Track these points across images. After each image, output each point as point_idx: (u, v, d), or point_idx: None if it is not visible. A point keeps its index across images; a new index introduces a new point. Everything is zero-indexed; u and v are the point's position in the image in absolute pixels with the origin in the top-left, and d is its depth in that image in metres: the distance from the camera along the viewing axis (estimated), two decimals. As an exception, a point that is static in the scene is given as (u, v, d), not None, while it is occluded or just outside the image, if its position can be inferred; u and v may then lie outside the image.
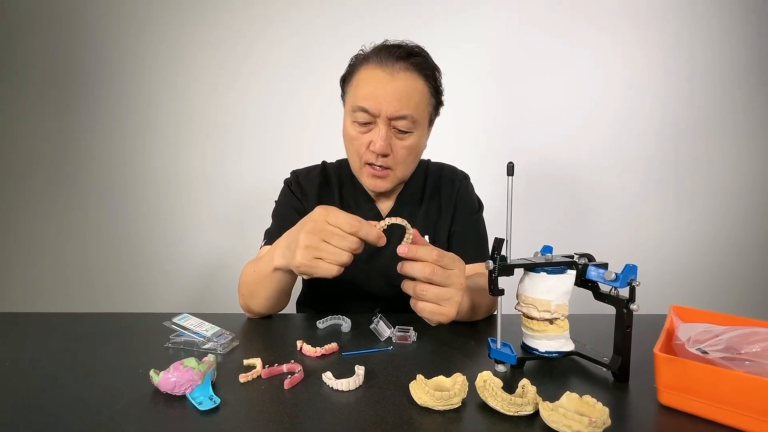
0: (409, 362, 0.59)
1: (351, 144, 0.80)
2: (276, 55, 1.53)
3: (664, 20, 1.48)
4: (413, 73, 0.76)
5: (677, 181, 1.55)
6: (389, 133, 0.76)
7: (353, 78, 0.80)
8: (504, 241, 0.54)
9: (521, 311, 0.58)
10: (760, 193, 1.54)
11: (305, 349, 0.61)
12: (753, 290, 1.56)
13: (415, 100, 0.76)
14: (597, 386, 0.53)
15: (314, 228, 0.57)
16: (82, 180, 1.60)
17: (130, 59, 1.55)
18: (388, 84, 0.74)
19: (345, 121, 0.81)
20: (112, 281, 1.64)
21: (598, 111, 1.54)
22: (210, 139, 1.58)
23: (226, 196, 1.60)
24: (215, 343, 0.62)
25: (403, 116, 0.75)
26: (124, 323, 0.73)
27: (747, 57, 1.49)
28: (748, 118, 1.52)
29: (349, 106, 0.79)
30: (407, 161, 0.81)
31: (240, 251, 1.57)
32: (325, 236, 0.56)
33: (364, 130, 0.78)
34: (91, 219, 1.61)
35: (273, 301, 0.73)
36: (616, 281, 0.52)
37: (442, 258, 0.54)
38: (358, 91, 0.77)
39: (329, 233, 0.56)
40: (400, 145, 0.78)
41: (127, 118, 1.58)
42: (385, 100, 0.74)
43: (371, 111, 0.75)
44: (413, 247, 0.55)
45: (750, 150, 1.54)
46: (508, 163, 0.54)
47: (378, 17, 1.48)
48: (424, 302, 0.56)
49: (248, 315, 0.78)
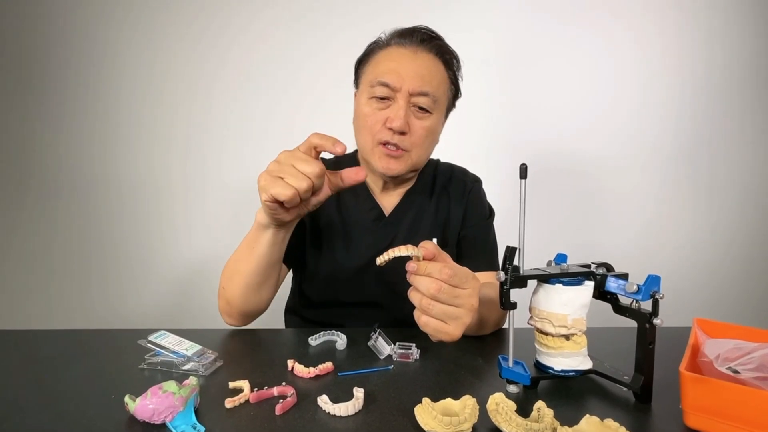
0: (413, 383, 0.58)
1: (365, 122, 0.80)
2: (264, 48, 1.50)
3: (681, 10, 1.50)
4: (435, 56, 0.80)
5: (695, 181, 1.57)
6: (408, 111, 0.78)
7: (371, 59, 0.83)
8: (516, 249, 0.54)
9: (535, 326, 0.57)
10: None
11: (297, 370, 0.60)
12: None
13: (437, 80, 0.79)
14: (618, 408, 0.53)
15: (281, 157, 0.60)
16: (43, 182, 1.55)
17: (110, 55, 1.51)
18: (410, 61, 0.78)
19: (359, 100, 0.83)
20: (78, 294, 1.59)
21: (611, 106, 1.55)
22: (192, 140, 1.55)
23: (208, 200, 1.57)
24: (196, 363, 0.61)
25: (424, 92, 0.77)
26: (93, 342, 0.71)
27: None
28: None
29: (367, 83, 0.81)
30: (424, 144, 0.81)
31: (221, 260, 1.54)
32: (290, 161, 0.59)
33: (382, 107, 0.79)
34: (54, 224, 1.56)
35: (255, 281, 0.73)
36: (638, 294, 0.51)
37: (453, 277, 0.53)
38: (378, 67, 0.80)
39: (293, 157, 0.59)
40: (419, 125, 0.79)
41: (96, 119, 1.54)
42: (407, 75, 0.76)
43: (392, 85, 0.77)
44: (423, 263, 0.54)
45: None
46: (521, 165, 0.54)
47: (376, 5, 1.47)
48: (429, 317, 0.55)
49: (229, 321, 0.79)
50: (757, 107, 1.56)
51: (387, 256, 0.55)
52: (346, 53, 1.45)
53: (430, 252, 0.56)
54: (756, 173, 1.58)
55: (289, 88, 1.51)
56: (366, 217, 0.88)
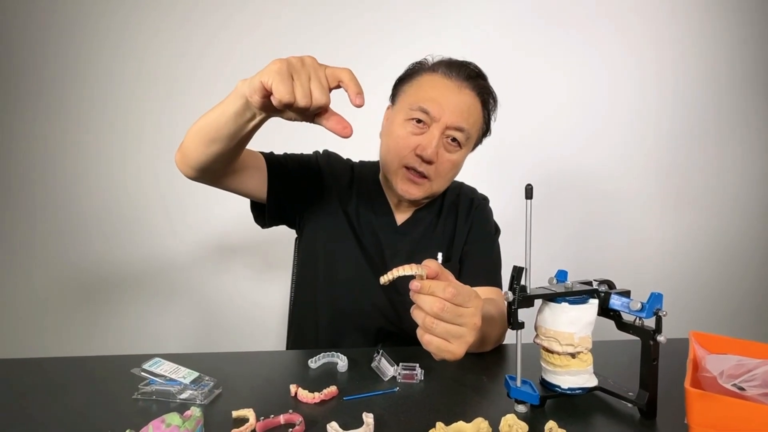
0: (420, 405, 0.59)
1: (395, 144, 0.83)
2: (257, 45, 1.46)
3: (674, 22, 1.58)
4: (477, 95, 0.84)
5: (687, 191, 1.64)
6: (440, 142, 0.81)
7: (414, 80, 0.86)
8: (524, 269, 0.55)
9: (541, 345, 0.59)
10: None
11: (301, 395, 0.59)
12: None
13: (473, 118, 0.84)
14: (624, 424, 0.55)
15: (307, 61, 0.55)
16: (19, 189, 1.44)
17: (97, 51, 1.44)
18: (453, 95, 0.82)
19: (394, 119, 0.86)
20: (62, 319, 1.48)
21: (606, 117, 1.60)
22: None
23: (199, 209, 1.49)
24: (194, 391, 0.59)
25: (460, 128, 0.81)
26: (78, 370, 0.68)
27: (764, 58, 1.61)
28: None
29: (406, 104, 0.84)
30: (447, 177, 0.86)
31: (211, 275, 1.50)
32: (310, 73, 0.54)
33: (416, 131, 0.82)
34: (29, 235, 1.46)
35: (210, 135, 0.66)
36: (642, 311, 0.53)
37: (456, 296, 0.54)
38: (421, 92, 0.83)
39: (315, 74, 0.54)
40: (447, 158, 0.83)
41: (80, 121, 1.46)
42: (448, 108, 0.80)
43: (432, 113, 0.80)
44: (426, 282, 0.55)
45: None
46: (527, 186, 0.55)
47: (377, 6, 1.49)
48: (432, 336, 0.56)
49: (182, 168, 0.74)
50: (747, 118, 1.65)
51: (391, 275, 0.55)
52: (344, 52, 1.48)
53: (433, 270, 0.57)
54: (751, 187, 1.66)
55: None
56: (381, 226, 0.91)
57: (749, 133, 1.67)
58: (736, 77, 1.63)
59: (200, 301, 1.49)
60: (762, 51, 1.63)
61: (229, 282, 1.51)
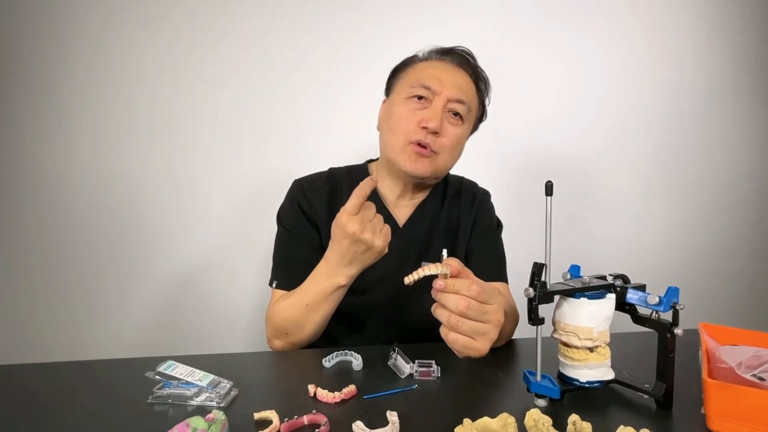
0: (441, 402, 0.60)
1: (399, 122, 0.84)
2: (262, 44, 1.41)
3: (669, 13, 1.61)
4: (470, 78, 0.88)
5: (683, 182, 1.68)
6: (444, 115, 0.83)
7: (410, 68, 0.89)
8: (544, 266, 0.56)
9: (560, 340, 0.60)
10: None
11: (321, 395, 0.59)
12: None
13: (472, 94, 0.87)
14: (641, 415, 0.56)
15: (367, 217, 0.70)
16: (15, 187, 1.36)
17: (96, 48, 1.37)
18: (450, 73, 0.85)
19: (394, 101, 0.87)
20: (54, 321, 1.41)
21: (599, 110, 1.61)
22: (179, 139, 1.41)
23: (207, 207, 1.44)
24: (211, 394, 0.59)
25: (461, 100, 0.84)
26: (87, 375, 0.67)
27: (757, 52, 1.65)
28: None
29: (406, 84, 0.86)
30: (452, 151, 0.86)
31: (220, 272, 1.46)
32: (375, 223, 0.70)
33: (419, 107, 0.83)
34: (28, 235, 1.40)
35: (322, 326, 0.80)
36: (660, 305, 0.55)
37: (481, 293, 0.55)
38: (419, 72, 0.86)
39: (377, 222, 0.71)
40: (452, 131, 0.84)
41: (79, 118, 1.38)
42: (448, 82, 0.83)
43: (433, 88, 0.83)
44: (450, 281, 0.55)
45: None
46: (547, 183, 0.56)
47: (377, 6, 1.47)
48: (457, 334, 0.57)
49: (277, 349, 0.83)
50: (740, 111, 1.69)
51: (417, 275, 0.56)
52: (344, 51, 1.46)
53: (455, 268, 0.58)
54: (752, 173, 1.71)
55: (287, 84, 1.44)
56: None
57: (752, 126, 1.72)
58: (731, 68, 1.67)
59: (203, 301, 1.46)
60: (756, 43, 1.68)
61: (231, 283, 1.48)
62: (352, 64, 1.45)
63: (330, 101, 1.46)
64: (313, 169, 0.99)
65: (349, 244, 0.69)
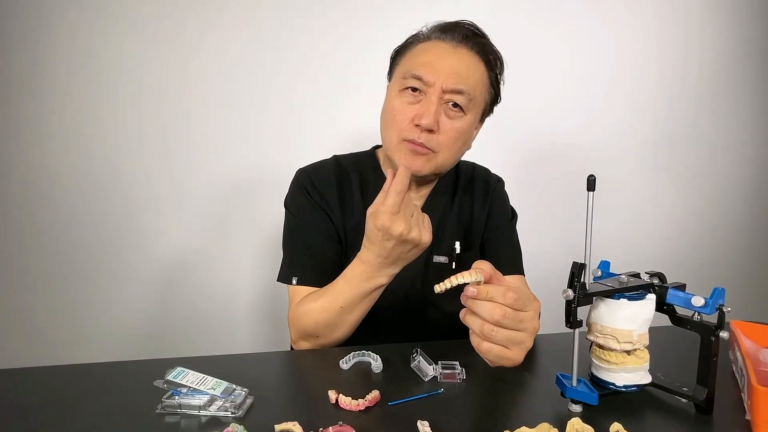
0: (470, 408, 0.57)
1: (392, 117, 0.77)
2: (254, 40, 1.35)
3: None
4: (476, 54, 0.78)
5: (689, 172, 1.66)
6: (439, 109, 0.75)
7: (409, 51, 0.80)
8: (584, 266, 0.53)
9: (596, 342, 0.57)
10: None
11: (343, 402, 0.56)
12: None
13: (474, 79, 0.77)
14: (681, 420, 0.54)
15: (403, 231, 0.64)
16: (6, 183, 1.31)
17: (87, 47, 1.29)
18: (448, 56, 0.76)
19: (389, 93, 0.81)
20: (71, 323, 1.35)
21: (604, 100, 1.58)
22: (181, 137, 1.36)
23: (197, 203, 1.38)
24: (226, 403, 0.55)
25: (459, 90, 0.74)
26: (93, 379, 0.62)
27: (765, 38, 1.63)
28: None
29: (399, 75, 0.79)
30: (453, 147, 0.78)
31: (213, 268, 1.41)
32: (418, 218, 0.67)
33: (412, 100, 0.76)
34: (27, 234, 1.33)
35: (356, 326, 0.76)
36: (705, 307, 0.52)
37: (517, 301, 0.51)
38: (413, 59, 0.78)
39: (420, 217, 0.68)
40: (450, 125, 0.76)
41: (65, 114, 1.31)
42: (443, 70, 0.74)
43: (425, 78, 0.74)
44: (483, 287, 0.52)
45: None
46: (589, 177, 0.53)
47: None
48: (491, 344, 0.53)
49: (303, 348, 0.79)
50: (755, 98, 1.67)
51: (449, 283, 0.52)
52: (339, 45, 1.39)
53: (487, 273, 0.54)
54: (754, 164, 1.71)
55: (280, 78, 1.38)
56: None
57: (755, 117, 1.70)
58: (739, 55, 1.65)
59: (200, 296, 1.41)
60: (765, 30, 1.65)
61: (233, 280, 1.43)
62: (345, 61, 1.40)
63: (324, 96, 1.40)
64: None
65: (395, 245, 0.65)
